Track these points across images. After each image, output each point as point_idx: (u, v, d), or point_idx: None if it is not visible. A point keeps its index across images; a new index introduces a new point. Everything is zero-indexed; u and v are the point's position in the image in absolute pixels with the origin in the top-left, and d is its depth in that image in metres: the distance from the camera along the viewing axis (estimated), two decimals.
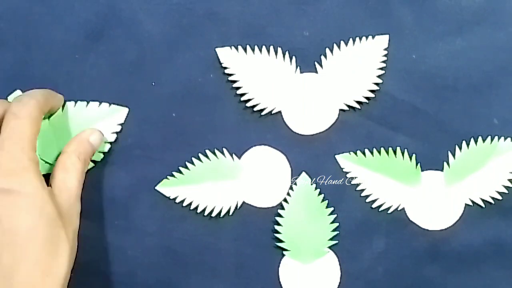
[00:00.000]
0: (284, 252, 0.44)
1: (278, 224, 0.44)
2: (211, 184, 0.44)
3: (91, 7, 0.44)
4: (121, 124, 0.44)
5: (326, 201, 0.44)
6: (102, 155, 0.44)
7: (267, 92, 0.44)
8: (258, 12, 0.45)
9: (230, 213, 0.44)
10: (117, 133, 0.44)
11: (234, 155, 0.44)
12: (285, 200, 0.44)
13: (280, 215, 0.44)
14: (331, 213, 0.44)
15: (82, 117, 0.43)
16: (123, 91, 0.44)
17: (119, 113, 0.43)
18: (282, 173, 0.44)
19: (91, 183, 0.44)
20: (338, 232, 0.44)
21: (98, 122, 0.43)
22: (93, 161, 0.43)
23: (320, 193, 0.44)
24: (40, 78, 0.44)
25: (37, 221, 0.36)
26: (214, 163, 0.44)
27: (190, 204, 0.44)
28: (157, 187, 0.44)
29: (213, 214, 0.44)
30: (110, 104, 0.44)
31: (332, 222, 0.44)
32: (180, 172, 0.44)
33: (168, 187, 0.44)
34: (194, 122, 0.44)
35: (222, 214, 0.44)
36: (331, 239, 0.44)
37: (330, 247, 0.44)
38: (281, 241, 0.44)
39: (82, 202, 0.44)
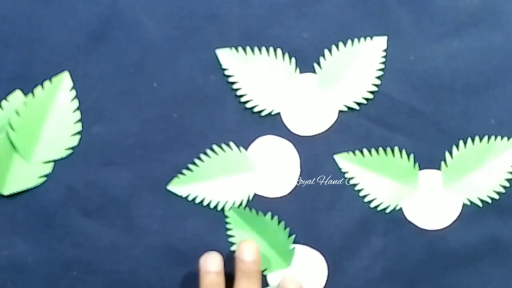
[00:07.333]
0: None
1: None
2: (222, 178, 0.44)
3: (93, 8, 0.45)
4: None
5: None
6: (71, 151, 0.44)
7: (267, 93, 0.45)
8: (258, 14, 0.45)
9: (243, 206, 0.45)
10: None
11: (241, 147, 0.45)
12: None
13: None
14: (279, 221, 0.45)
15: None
16: (125, 92, 0.45)
17: None
18: (291, 160, 0.45)
19: (93, 182, 0.44)
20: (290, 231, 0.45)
21: None
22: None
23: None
24: (42, 79, 0.44)
25: None
26: (222, 157, 0.44)
27: (202, 201, 0.44)
28: (168, 187, 0.44)
29: (226, 209, 0.44)
30: None
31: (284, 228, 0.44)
32: (189, 169, 0.44)
33: (179, 186, 0.44)
34: (195, 123, 0.45)
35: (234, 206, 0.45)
36: (289, 237, 0.44)
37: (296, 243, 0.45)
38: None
39: (84, 201, 0.44)
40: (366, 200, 0.45)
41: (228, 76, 0.45)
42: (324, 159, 0.45)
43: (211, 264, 0.41)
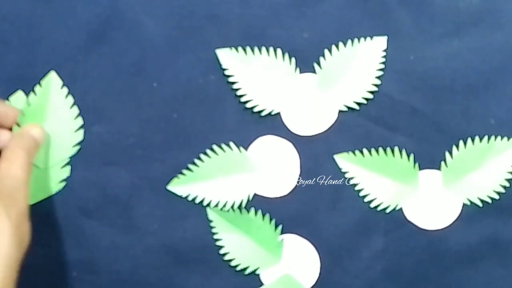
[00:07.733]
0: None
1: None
2: (222, 178, 0.44)
3: (93, 9, 0.45)
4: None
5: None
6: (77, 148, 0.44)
7: (267, 93, 0.45)
8: (258, 14, 0.45)
9: (243, 206, 0.45)
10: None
11: (241, 147, 0.45)
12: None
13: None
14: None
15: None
16: (125, 92, 0.45)
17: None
18: (291, 160, 0.45)
19: (93, 182, 0.44)
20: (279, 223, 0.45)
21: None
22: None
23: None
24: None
25: None
26: (222, 157, 0.44)
27: (202, 201, 0.44)
28: (168, 187, 0.44)
29: (226, 209, 0.44)
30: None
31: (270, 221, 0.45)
32: (189, 169, 0.44)
33: (179, 186, 0.44)
34: (195, 123, 0.45)
35: (234, 208, 0.44)
36: (276, 229, 0.45)
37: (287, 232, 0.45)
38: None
39: (85, 201, 0.44)
40: (366, 200, 0.45)
41: (228, 76, 0.45)
42: (324, 159, 0.45)
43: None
